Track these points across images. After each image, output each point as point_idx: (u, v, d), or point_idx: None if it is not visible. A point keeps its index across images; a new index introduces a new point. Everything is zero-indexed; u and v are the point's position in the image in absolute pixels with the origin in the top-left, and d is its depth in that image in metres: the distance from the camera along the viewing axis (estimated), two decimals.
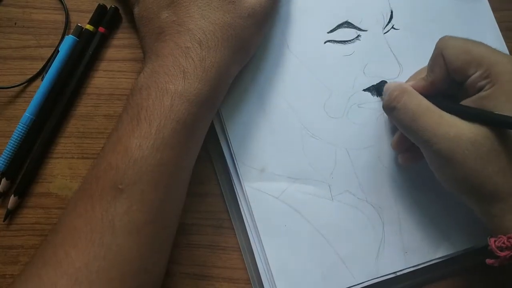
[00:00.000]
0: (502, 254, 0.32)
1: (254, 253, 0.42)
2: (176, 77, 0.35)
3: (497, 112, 0.32)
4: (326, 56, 0.44)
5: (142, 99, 0.35)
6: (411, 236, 0.42)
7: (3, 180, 0.42)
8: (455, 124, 0.34)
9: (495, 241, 0.33)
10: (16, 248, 0.42)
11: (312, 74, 0.44)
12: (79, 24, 0.45)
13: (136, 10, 0.40)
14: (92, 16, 0.45)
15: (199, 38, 0.36)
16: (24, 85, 0.44)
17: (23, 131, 0.43)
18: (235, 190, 0.42)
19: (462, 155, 0.33)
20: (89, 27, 0.44)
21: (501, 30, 0.46)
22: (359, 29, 0.45)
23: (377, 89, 0.44)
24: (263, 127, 0.43)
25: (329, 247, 0.42)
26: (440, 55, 0.36)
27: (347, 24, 0.45)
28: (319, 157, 0.43)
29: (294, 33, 0.44)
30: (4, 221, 0.42)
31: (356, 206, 0.42)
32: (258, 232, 0.41)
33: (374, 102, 0.44)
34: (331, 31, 0.45)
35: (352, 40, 0.45)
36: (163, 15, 0.37)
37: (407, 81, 0.41)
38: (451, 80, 0.36)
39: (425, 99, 0.36)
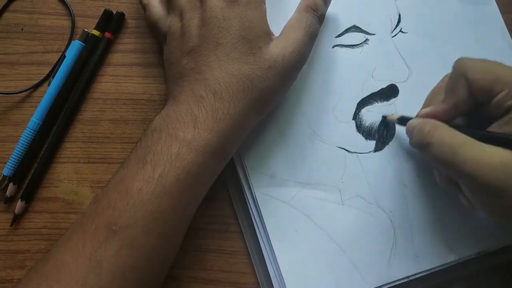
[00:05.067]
0: None
1: (265, 258, 0.41)
2: (187, 125, 0.35)
3: None
4: (334, 60, 0.44)
5: (152, 141, 0.35)
6: (422, 240, 0.42)
7: (10, 185, 0.43)
8: (496, 152, 0.32)
9: None
10: (23, 253, 0.42)
11: (321, 78, 0.44)
12: (85, 30, 0.45)
13: (164, 51, 0.40)
14: (98, 21, 0.45)
15: (213, 88, 0.36)
16: (30, 90, 0.44)
17: (30, 136, 0.43)
18: (245, 195, 0.42)
19: (510, 182, 0.31)
20: (95, 32, 0.45)
21: (509, 32, 0.46)
22: (367, 33, 0.45)
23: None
24: (272, 132, 0.43)
25: (341, 251, 0.41)
26: (461, 76, 0.35)
27: (355, 28, 0.45)
28: (329, 162, 0.43)
29: None
30: (11, 225, 0.43)
31: (367, 210, 0.42)
32: (269, 237, 0.41)
33: (383, 106, 0.44)
34: (339, 35, 0.45)
35: (360, 44, 0.45)
36: (184, 61, 0.38)
37: (423, 108, 0.40)
38: (473, 101, 0.35)
39: (458, 131, 0.34)
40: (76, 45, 0.44)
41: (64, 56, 0.44)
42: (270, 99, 0.39)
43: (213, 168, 0.37)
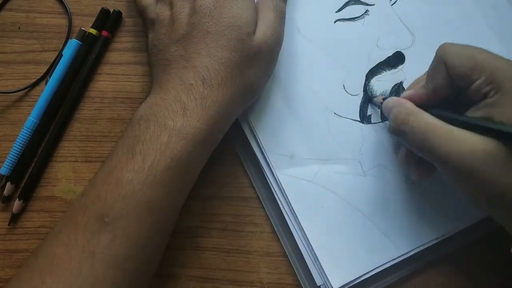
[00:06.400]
0: None
1: (296, 239, 0.42)
2: (176, 114, 0.35)
3: (506, 124, 0.31)
4: (338, 35, 0.45)
5: (140, 131, 0.35)
6: (451, 201, 0.42)
7: (8, 184, 0.43)
8: (466, 138, 0.33)
9: None
10: (21, 252, 0.42)
11: (327, 55, 0.44)
12: (82, 28, 0.45)
13: (149, 37, 0.40)
14: (95, 20, 0.45)
15: (203, 75, 0.36)
16: (27, 89, 0.44)
17: (27, 135, 0.43)
18: (267, 179, 0.43)
19: (480, 169, 0.32)
20: (92, 31, 0.45)
21: None
22: (367, 4, 0.45)
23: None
24: (286, 114, 0.43)
25: (369, 222, 0.42)
26: (441, 62, 0.35)
27: (354, 1, 0.45)
28: (346, 135, 0.43)
29: (304, 17, 0.45)
30: (9, 225, 0.43)
31: (389, 177, 0.43)
32: (297, 217, 0.41)
33: (391, 74, 0.44)
34: (339, 9, 0.45)
35: (361, 16, 0.45)
36: (173, 48, 0.38)
37: (407, 90, 0.40)
38: (452, 87, 0.36)
39: (431, 116, 0.35)
40: (73, 43, 0.44)
41: (61, 55, 0.44)
42: (257, 86, 0.40)
43: (202, 155, 0.38)
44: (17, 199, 0.42)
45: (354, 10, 0.45)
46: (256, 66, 0.38)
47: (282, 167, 0.42)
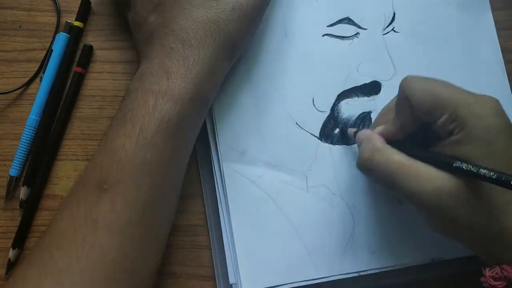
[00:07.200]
0: (496, 283, 0.32)
1: (222, 233, 0.42)
2: (161, 78, 0.36)
3: (472, 162, 0.32)
4: (322, 49, 0.45)
5: (129, 101, 0.36)
6: (380, 239, 0.43)
7: (24, 188, 0.43)
8: (432, 177, 0.33)
9: (489, 270, 0.33)
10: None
11: (306, 64, 0.44)
12: (68, 21, 0.45)
13: (129, 17, 0.41)
14: (77, 12, 0.45)
15: (182, 37, 0.37)
16: (24, 87, 0.44)
17: (31, 134, 0.43)
18: (213, 168, 0.43)
19: (444, 207, 0.33)
20: (77, 23, 0.45)
21: (499, 31, 0.46)
22: (359, 27, 0.45)
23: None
24: (250, 111, 0.43)
25: (297, 237, 0.42)
26: (405, 98, 0.35)
27: (347, 20, 0.45)
28: (301, 148, 0.43)
29: (294, 22, 0.45)
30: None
31: (330, 201, 0.43)
32: (229, 212, 0.42)
33: (363, 102, 0.45)
34: (331, 25, 0.45)
35: (350, 36, 0.45)
36: (151, 18, 0.38)
37: (375, 124, 0.41)
38: (419, 121, 0.36)
39: (397, 153, 0.35)
40: (61, 37, 0.44)
41: (51, 50, 0.44)
42: (238, 42, 0.39)
43: (192, 116, 0.38)
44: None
45: (345, 29, 0.45)
46: (235, 22, 0.38)
47: (230, 160, 0.43)
